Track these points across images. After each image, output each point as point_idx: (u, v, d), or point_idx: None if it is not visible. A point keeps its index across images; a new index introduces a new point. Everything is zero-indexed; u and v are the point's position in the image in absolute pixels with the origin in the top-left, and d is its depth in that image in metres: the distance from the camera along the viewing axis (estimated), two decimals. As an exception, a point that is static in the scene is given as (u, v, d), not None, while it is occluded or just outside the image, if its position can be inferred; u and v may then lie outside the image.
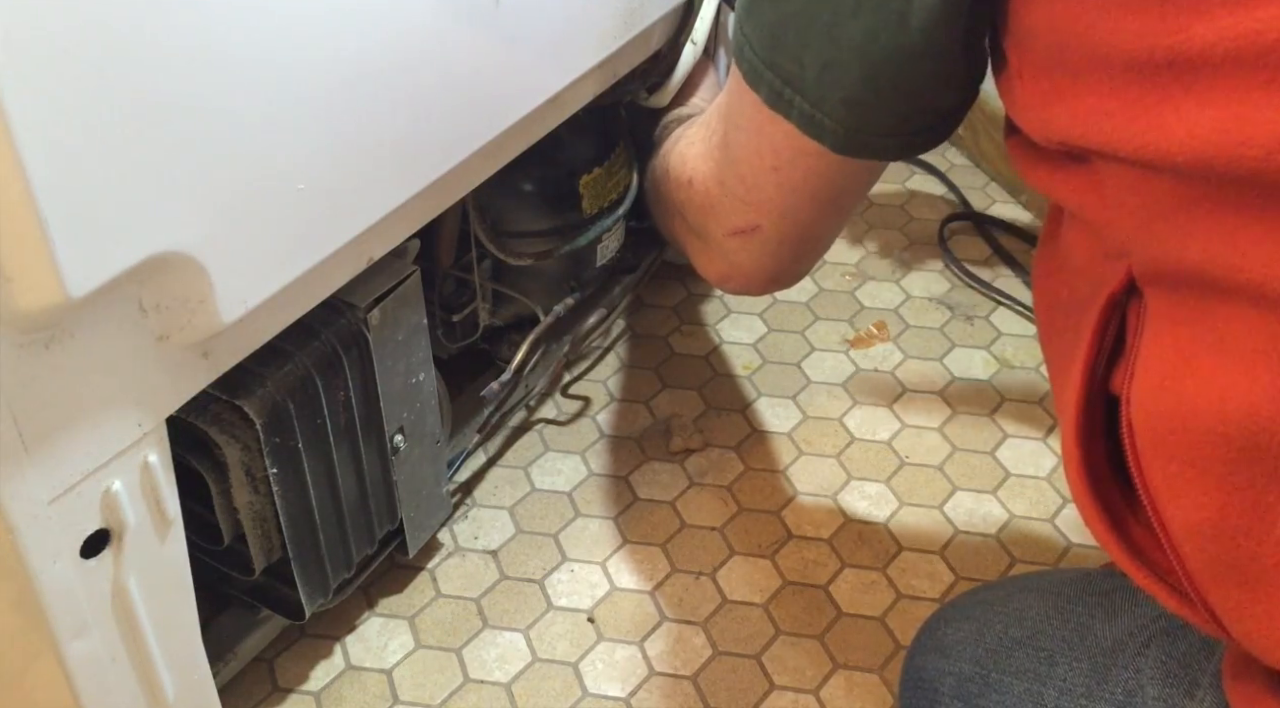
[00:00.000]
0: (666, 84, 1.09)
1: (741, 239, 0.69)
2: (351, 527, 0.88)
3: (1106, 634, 0.60)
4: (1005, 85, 0.51)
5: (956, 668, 0.64)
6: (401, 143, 0.71)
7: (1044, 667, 0.60)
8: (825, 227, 0.69)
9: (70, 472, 0.59)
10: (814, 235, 0.69)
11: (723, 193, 0.68)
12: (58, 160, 0.49)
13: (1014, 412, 1.20)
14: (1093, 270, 0.50)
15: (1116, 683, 0.57)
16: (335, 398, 0.82)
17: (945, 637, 0.67)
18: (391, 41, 0.67)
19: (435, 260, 1.03)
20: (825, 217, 0.66)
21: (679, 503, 1.11)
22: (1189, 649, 0.55)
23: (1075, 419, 0.50)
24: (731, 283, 0.74)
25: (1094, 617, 0.62)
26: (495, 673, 0.96)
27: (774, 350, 1.28)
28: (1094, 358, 0.49)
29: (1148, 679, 0.56)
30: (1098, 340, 0.49)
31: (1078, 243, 0.51)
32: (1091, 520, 0.51)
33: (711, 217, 0.71)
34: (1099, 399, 0.50)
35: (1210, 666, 0.54)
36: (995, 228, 1.45)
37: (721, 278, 0.75)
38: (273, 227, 0.63)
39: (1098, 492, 0.50)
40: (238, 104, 0.58)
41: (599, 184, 1.12)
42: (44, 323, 0.54)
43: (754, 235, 0.68)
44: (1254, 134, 0.39)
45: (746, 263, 0.71)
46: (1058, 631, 0.62)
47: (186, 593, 0.71)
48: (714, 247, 0.72)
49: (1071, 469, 0.51)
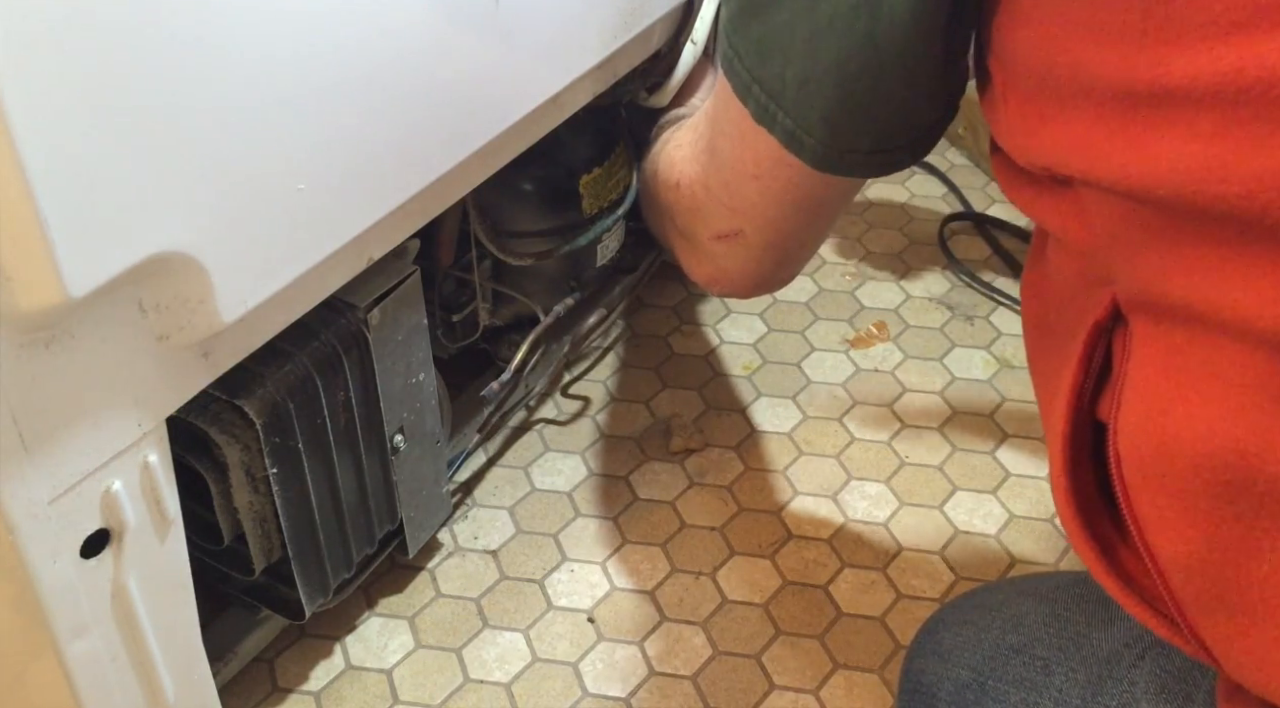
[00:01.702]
0: (666, 84, 1.09)
1: (726, 244, 0.69)
2: (351, 527, 0.88)
3: (1103, 644, 0.60)
4: (989, 105, 0.51)
5: (954, 674, 0.64)
6: (401, 143, 0.71)
7: (1040, 676, 0.60)
8: (807, 235, 0.69)
9: (70, 472, 0.59)
10: (796, 243, 0.69)
11: (708, 197, 0.69)
12: (57, 160, 0.49)
13: (1014, 412, 1.20)
14: (1078, 295, 0.49)
15: (1111, 696, 0.57)
16: (335, 398, 0.82)
17: (943, 641, 0.67)
18: (391, 41, 0.67)
19: (435, 260, 1.03)
20: (807, 226, 0.67)
21: (679, 503, 1.11)
22: (1184, 664, 0.55)
23: (1063, 446, 0.50)
24: (718, 286, 0.75)
25: (1090, 624, 0.61)
26: (495, 673, 0.96)
27: (774, 350, 1.28)
28: (1080, 384, 0.49)
29: (1142, 693, 0.55)
30: (1084, 367, 0.49)
31: (1063, 266, 0.51)
32: (1080, 547, 0.51)
33: (698, 219, 0.71)
34: (1086, 425, 0.50)
35: (1205, 682, 0.54)
36: (995, 228, 1.45)
37: (708, 281, 0.75)
38: (273, 227, 0.63)
39: (1086, 518, 0.50)
40: (237, 104, 0.58)
41: (599, 184, 1.12)
42: (44, 323, 0.54)
43: (738, 240, 0.68)
44: (1235, 171, 0.39)
45: (731, 267, 0.71)
46: (1054, 638, 0.62)
47: (186, 593, 0.71)
48: (701, 250, 0.72)
49: (1059, 495, 0.51)
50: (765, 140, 0.58)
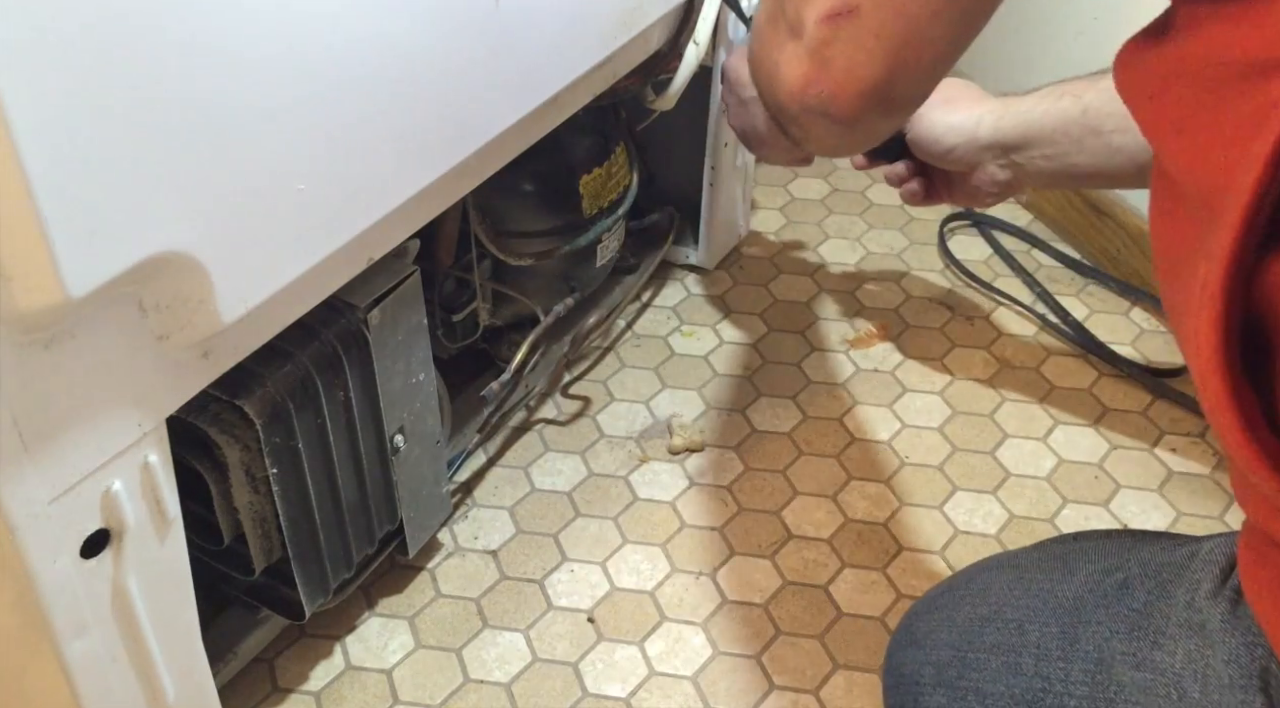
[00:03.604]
0: (671, 85, 1.09)
1: (835, 24, 0.60)
2: (351, 527, 0.88)
3: (1067, 593, 0.60)
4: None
5: (933, 657, 0.64)
6: (401, 143, 0.71)
7: (1016, 637, 0.60)
8: (932, 29, 0.59)
9: (70, 472, 0.59)
10: (918, 38, 0.59)
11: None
12: (58, 160, 0.49)
13: (1014, 412, 1.20)
14: (1255, 92, 0.42)
15: (1088, 641, 0.57)
16: (335, 398, 0.82)
17: (917, 630, 0.67)
18: (392, 42, 0.67)
19: (435, 260, 1.03)
20: (932, 8, 0.58)
21: (679, 503, 1.11)
22: (1147, 600, 0.55)
23: (1222, 283, 0.42)
24: (816, 88, 0.63)
25: (1053, 580, 0.61)
26: (495, 673, 0.96)
27: (774, 350, 1.28)
28: (1257, 202, 0.41)
29: (1112, 633, 0.55)
30: (1263, 183, 0.41)
31: (1234, 46, 0.43)
32: (1224, 416, 0.45)
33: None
34: (1241, 288, 0.43)
35: (1174, 614, 0.54)
36: (995, 228, 1.45)
37: (805, 81, 0.63)
38: (273, 227, 0.63)
39: (1235, 390, 0.44)
40: (238, 104, 0.58)
41: (599, 184, 1.12)
42: (44, 323, 0.54)
43: (850, 20, 0.59)
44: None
45: (838, 58, 0.61)
46: (1021, 599, 0.62)
47: (186, 593, 0.71)
48: (806, 41, 0.62)
49: (1207, 347, 0.44)
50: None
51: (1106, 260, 1.37)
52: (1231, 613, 0.50)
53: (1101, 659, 0.56)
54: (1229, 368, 0.44)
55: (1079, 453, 1.15)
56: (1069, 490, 1.11)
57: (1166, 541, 0.60)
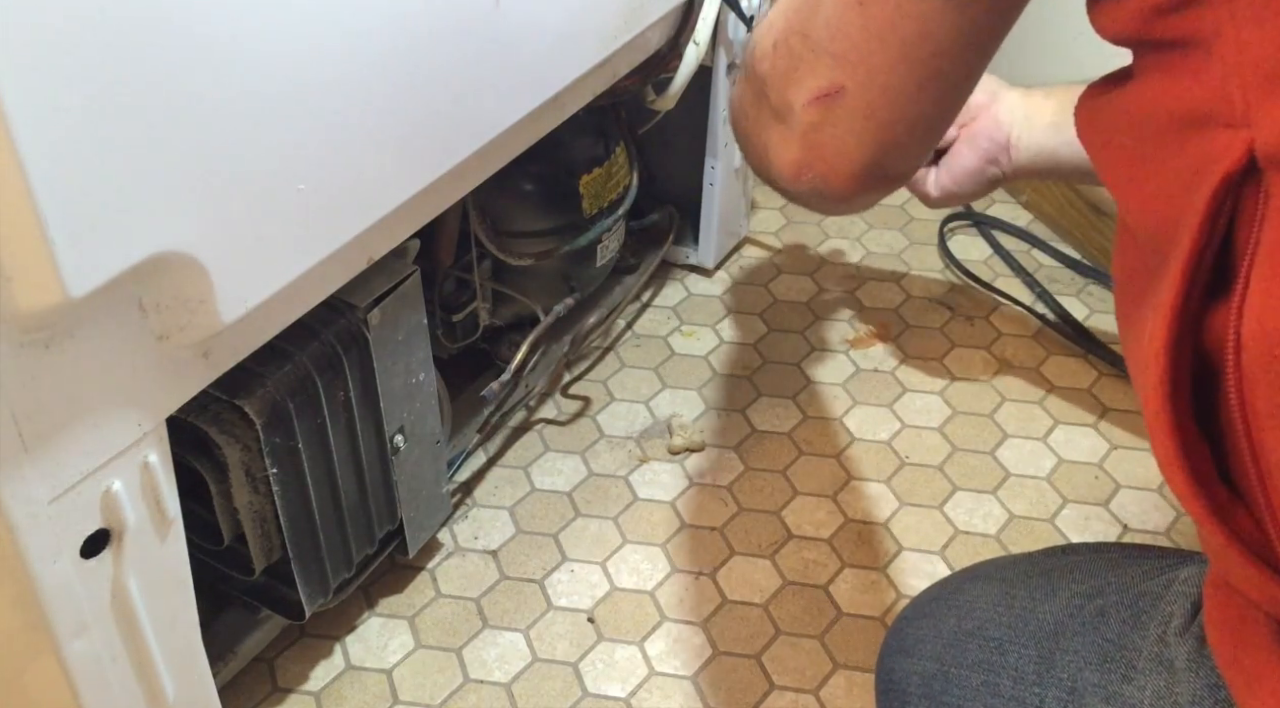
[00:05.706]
0: (671, 85, 1.09)
1: (823, 107, 0.60)
2: (351, 527, 0.88)
3: (1048, 617, 0.60)
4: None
5: (920, 667, 0.65)
6: (401, 143, 0.71)
7: (996, 657, 0.60)
8: (919, 103, 0.59)
9: (70, 472, 0.59)
10: (906, 114, 0.59)
11: (805, 46, 0.61)
12: (57, 160, 0.49)
13: (1014, 412, 1.20)
14: (1194, 144, 0.43)
15: (1062, 668, 0.57)
16: (335, 398, 0.82)
17: (906, 637, 0.67)
18: (391, 42, 0.67)
19: (435, 260, 1.03)
20: (918, 84, 0.58)
21: (679, 503, 1.11)
22: (1120, 630, 0.55)
23: (1166, 338, 0.43)
24: (809, 172, 0.64)
25: (1035, 599, 0.61)
26: (495, 673, 0.96)
27: (774, 350, 1.28)
28: (1200, 251, 0.42)
29: (1085, 663, 0.56)
30: (1205, 230, 0.41)
31: (1171, 106, 0.44)
32: (1173, 471, 0.45)
33: (793, 82, 0.62)
34: (1189, 336, 0.44)
35: (1145, 648, 0.54)
36: (995, 228, 1.45)
37: (798, 167, 0.64)
38: (273, 226, 0.63)
39: (1183, 444, 0.45)
40: (238, 104, 0.58)
41: (599, 184, 1.12)
42: (44, 323, 0.54)
43: (837, 101, 0.59)
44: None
45: (828, 143, 0.61)
46: (1004, 617, 0.62)
47: (186, 593, 0.71)
48: (794, 125, 0.63)
49: (1158, 421, 0.45)
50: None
51: (1106, 260, 1.37)
52: (1198, 651, 0.50)
53: (1074, 689, 0.56)
54: (1176, 425, 0.44)
55: (1079, 453, 1.15)
56: (1069, 490, 1.11)
57: (1150, 563, 0.60)
